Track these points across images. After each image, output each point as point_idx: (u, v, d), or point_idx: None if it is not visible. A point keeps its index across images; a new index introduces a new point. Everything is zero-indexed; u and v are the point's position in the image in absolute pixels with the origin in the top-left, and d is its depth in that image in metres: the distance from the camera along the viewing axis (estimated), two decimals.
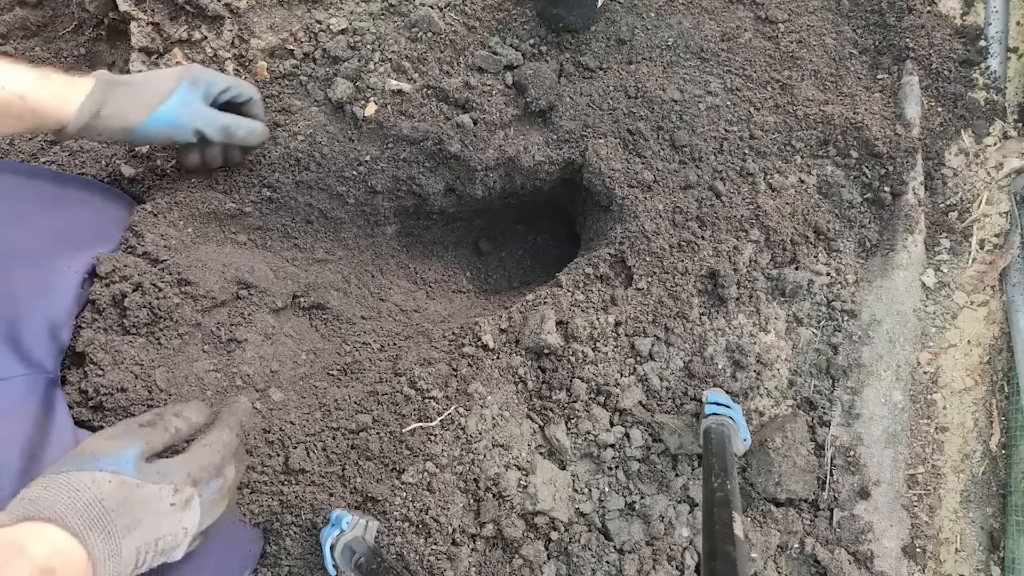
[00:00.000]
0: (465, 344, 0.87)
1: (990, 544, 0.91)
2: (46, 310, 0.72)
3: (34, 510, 0.49)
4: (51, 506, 0.49)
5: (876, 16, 1.01)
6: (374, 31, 0.93)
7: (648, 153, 0.93)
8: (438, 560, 0.77)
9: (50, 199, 0.79)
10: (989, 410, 0.94)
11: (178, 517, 0.57)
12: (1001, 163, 1.00)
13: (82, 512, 0.50)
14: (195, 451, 0.62)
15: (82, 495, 0.51)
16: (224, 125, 0.82)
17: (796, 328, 0.91)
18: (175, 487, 0.57)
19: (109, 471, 0.53)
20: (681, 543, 0.81)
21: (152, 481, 0.55)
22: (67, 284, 0.74)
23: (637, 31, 0.97)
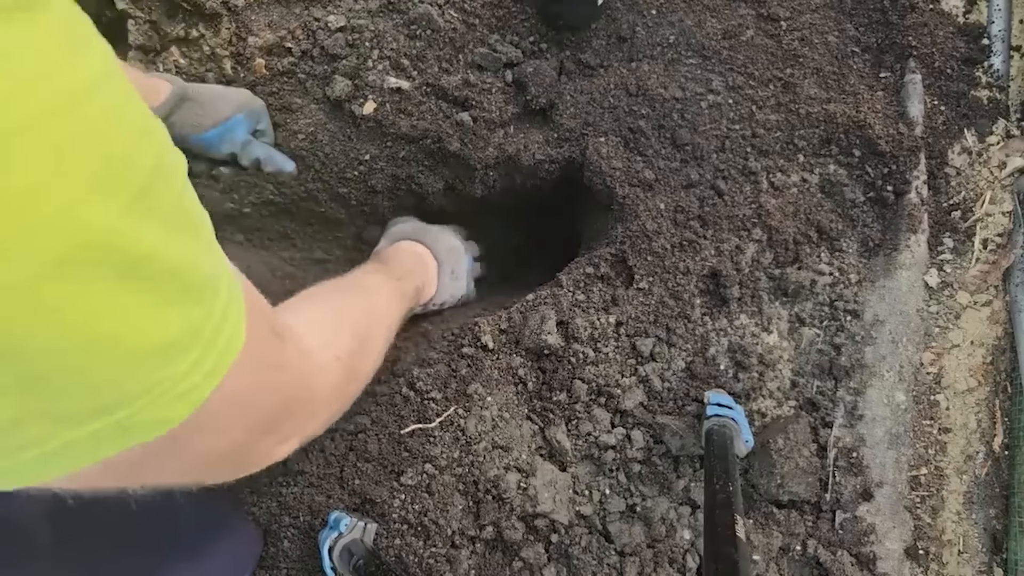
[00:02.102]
0: (464, 344, 0.87)
1: (993, 546, 0.90)
2: None
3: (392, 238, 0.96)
4: (399, 235, 0.96)
5: (878, 14, 1.01)
6: (372, 28, 0.93)
7: (649, 152, 0.93)
8: (437, 563, 0.76)
9: None
10: (992, 411, 0.94)
11: (449, 237, 0.98)
12: (1004, 162, 1.00)
13: (412, 234, 0.96)
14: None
15: (407, 230, 0.97)
16: (257, 158, 0.90)
17: (799, 328, 0.90)
18: (442, 228, 0.99)
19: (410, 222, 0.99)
20: (683, 545, 0.80)
21: (429, 225, 0.99)
22: None
23: (638, 29, 0.97)
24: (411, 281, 0.86)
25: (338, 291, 0.71)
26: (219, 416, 0.35)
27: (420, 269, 0.91)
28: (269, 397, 0.43)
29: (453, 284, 0.95)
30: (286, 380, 0.45)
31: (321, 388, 0.53)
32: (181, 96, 0.81)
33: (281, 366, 0.44)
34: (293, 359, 0.47)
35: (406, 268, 0.87)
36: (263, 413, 0.43)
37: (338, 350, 0.57)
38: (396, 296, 0.80)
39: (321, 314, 0.61)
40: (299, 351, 0.48)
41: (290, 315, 0.55)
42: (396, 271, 0.85)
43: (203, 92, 0.84)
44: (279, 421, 0.46)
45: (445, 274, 0.94)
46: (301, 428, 0.51)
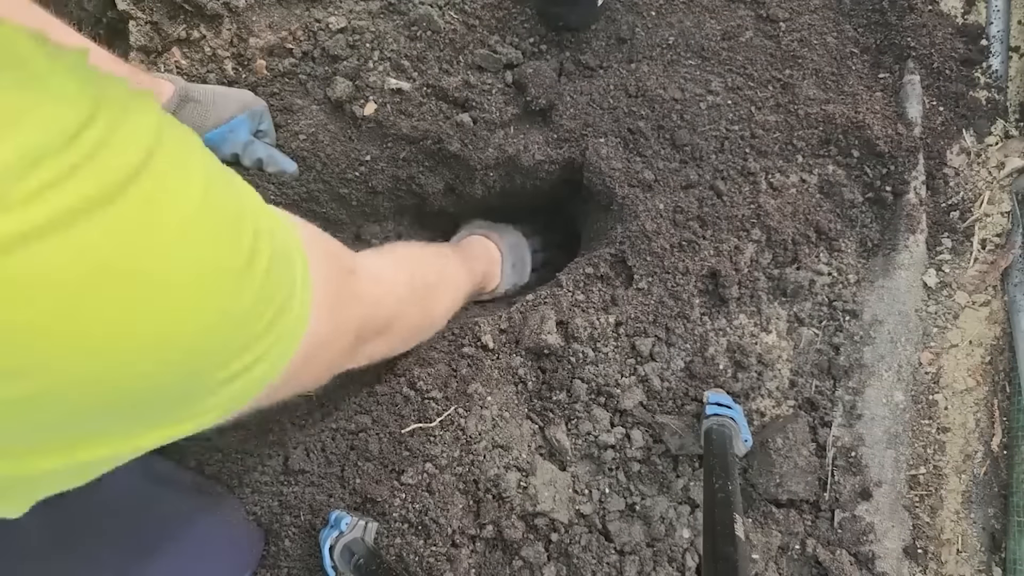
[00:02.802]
0: (465, 344, 0.87)
1: (991, 545, 0.90)
2: None
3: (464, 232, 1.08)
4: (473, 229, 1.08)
5: (877, 15, 1.01)
6: (373, 30, 0.93)
7: (649, 152, 0.93)
8: (437, 562, 0.76)
9: None
10: (991, 410, 0.94)
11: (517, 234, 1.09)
12: (1003, 162, 1.00)
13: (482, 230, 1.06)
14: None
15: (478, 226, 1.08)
16: (259, 158, 0.90)
17: (797, 328, 0.91)
18: (506, 225, 1.11)
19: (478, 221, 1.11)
20: (682, 544, 0.81)
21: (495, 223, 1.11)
22: None
23: (637, 30, 0.97)
24: (480, 267, 0.97)
25: (416, 247, 0.81)
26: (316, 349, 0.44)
27: (487, 258, 1.01)
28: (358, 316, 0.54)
29: (514, 274, 1.06)
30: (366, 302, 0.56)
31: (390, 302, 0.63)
32: (184, 96, 0.82)
33: (361, 295, 0.55)
34: (368, 282, 0.58)
35: (476, 254, 0.98)
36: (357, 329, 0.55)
37: (400, 284, 0.66)
38: (465, 270, 0.89)
39: (395, 256, 0.71)
40: (372, 276, 0.59)
41: (367, 257, 0.63)
42: (468, 256, 0.96)
43: (206, 93, 0.85)
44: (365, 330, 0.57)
45: (508, 266, 1.04)
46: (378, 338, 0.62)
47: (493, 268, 1.02)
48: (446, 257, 0.87)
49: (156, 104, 0.35)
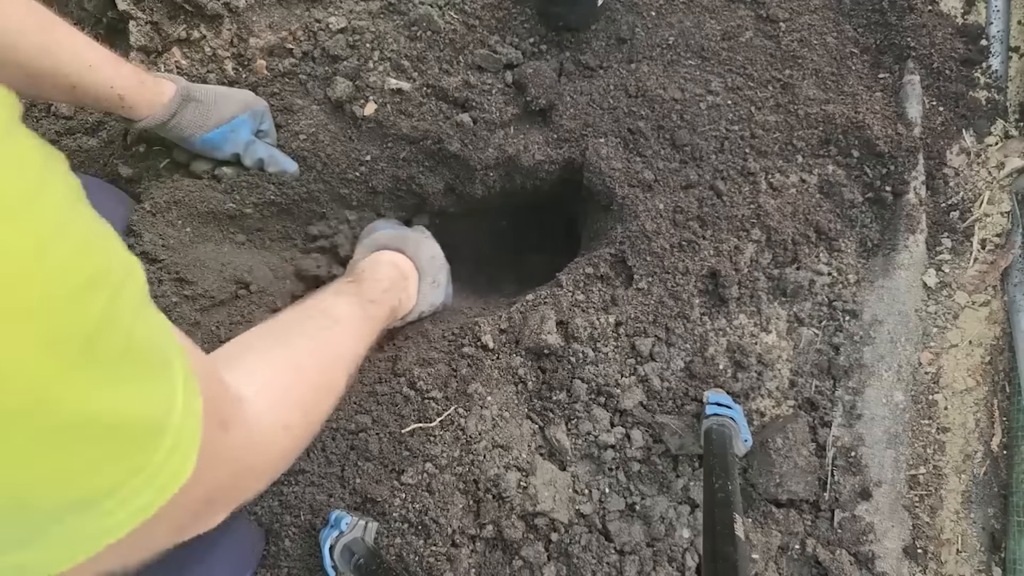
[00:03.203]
0: (465, 344, 0.87)
1: (991, 545, 0.90)
2: None
3: (370, 247, 0.90)
4: (378, 245, 0.90)
5: (877, 15, 1.01)
6: (373, 30, 0.93)
7: (649, 152, 0.93)
8: (438, 561, 0.76)
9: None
10: (990, 410, 0.94)
11: (432, 244, 0.94)
12: (1002, 162, 1.00)
13: (392, 243, 0.90)
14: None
15: (386, 238, 0.91)
16: (260, 159, 0.90)
17: (797, 328, 0.91)
18: (423, 233, 0.95)
19: (388, 229, 0.93)
20: (682, 544, 0.81)
21: (409, 229, 0.96)
22: None
23: (637, 30, 0.97)
24: (388, 300, 0.81)
25: (298, 333, 0.64)
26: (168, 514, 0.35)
27: (399, 284, 0.86)
28: (216, 481, 0.43)
29: (433, 293, 0.92)
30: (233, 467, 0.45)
31: (268, 459, 0.51)
32: (186, 96, 0.82)
33: (228, 459, 0.44)
34: (240, 442, 0.45)
35: (383, 286, 0.82)
36: (210, 495, 0.44)
37: (289, 417, 0.54)
38: (366, 326, 0.75)
39: (274, 372, 0.56)
40: (246, 432, 0.47)
41: (240, 374, 0.51)
42: (371, 291, 0.79)
43: (207, 92, 0.85)
44: (226, 496, 0.46)
45: (426, 284, 0.90)
46: (245, 494, 0.50)
47: (408, 292, 0.89)
48: (342, 327, 0.70)
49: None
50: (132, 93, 0.78)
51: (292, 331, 0.64)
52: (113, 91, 0.76)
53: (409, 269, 0.89)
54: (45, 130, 1.02)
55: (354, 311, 0.73)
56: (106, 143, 0.98)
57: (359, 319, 0.73)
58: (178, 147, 0.90)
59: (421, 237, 0.93)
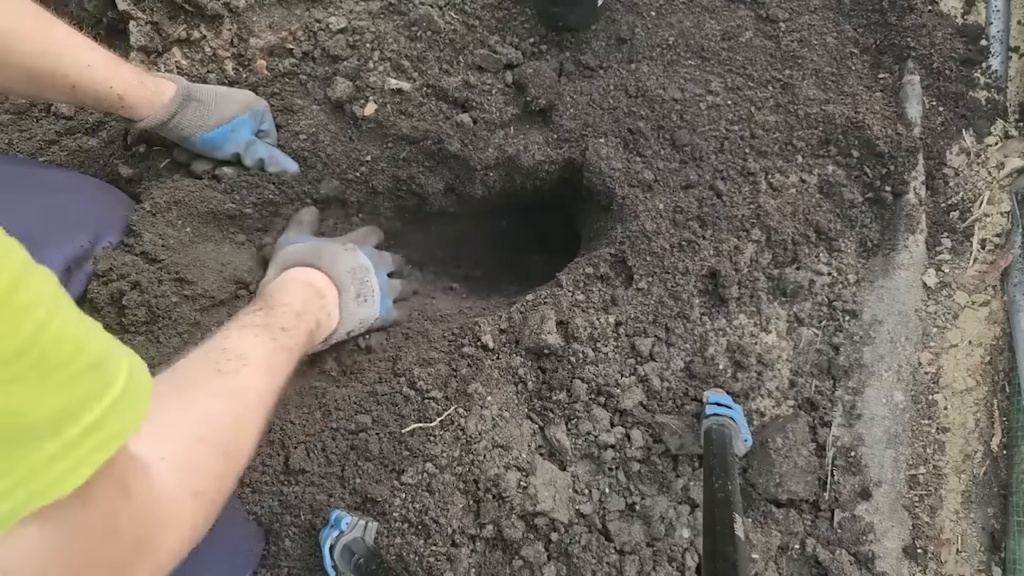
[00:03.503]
0: (465, 344, 0.87)
1: (991, 545, 0.90)
2: None
3: (281, 265, 0.82)
4: (289, 262, 0.82)
5: (877, 15, 1.01)
6: (373, 30, 0.93)
7: (648, 152, 0.93)
8: (438, 561, 0.77)
9: (37, 187, 0.79)
10: (990, 410, 0.94)
11: (354, 256, 0.86)
12: (1002, 163, 1.00)
13: (305, 259, 0.82)
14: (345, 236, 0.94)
15: (298, 254, 0.83)
16: (260, 159, 0.90)
17: (797, 328, 0.91)
18: (342, 243, 0.87)
19: (301, 243, 0.85)
20: (682, 544, 0.81)
21: (327, 240, 0.88)
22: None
23: (637, 30, 0.97)
24: (303, 325, 0.74)
25: (205, 389, 0.58)
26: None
27: (315, 304, 0.78)
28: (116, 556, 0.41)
29: (361, 310, 0.84)
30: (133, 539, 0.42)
31: (176, 533, 0.48)
32: (186, 96, 0.82)
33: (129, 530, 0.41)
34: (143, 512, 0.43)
35: (296, 309, 0.74)
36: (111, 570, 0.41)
37: (199, 484, 0.51)
38: (280, 358, 0.68)
39: (181, 440, 0.51)
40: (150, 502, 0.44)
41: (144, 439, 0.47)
42: (282, 318, 0.72)
43: (208, 92, 0.85)
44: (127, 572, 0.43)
45: (349, 300, 0.82)
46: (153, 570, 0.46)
47: (327, 311, 0.80)
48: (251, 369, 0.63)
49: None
50: (132, 93, 0.78)
51: (199, 387, 0.58)
52: (113, 91, 0.76)
53: (326, 286, 0.81)
54: (45, 130, 1.02)
55: (263, 344, 0.67)
56: (106, 143, 0.98)
57: (270, 352, 0.67)
58: (178, 147, 0.90)
59: (339, 248, 0.84)
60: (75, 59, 0.73)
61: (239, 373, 0.62)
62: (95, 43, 0.75)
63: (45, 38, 0.70)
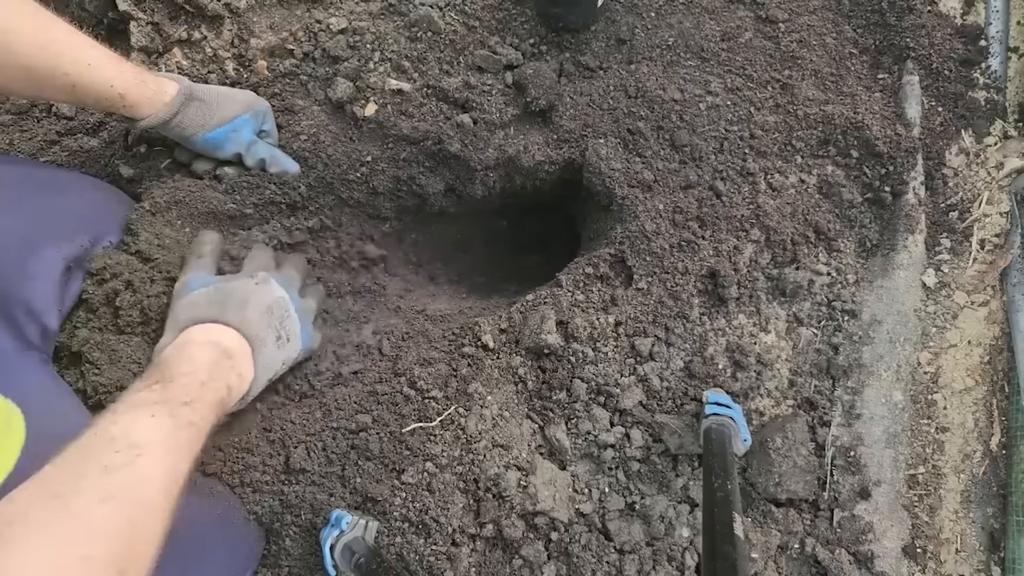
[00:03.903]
0: (465, 344, 0.87)
1: (990, 544, 0.90)
2: (29, 294, 0.71)
3: (179, 326, 0.71)
4: (187, 320, 0.72)
5: (876, 16, 1.01)
6: (374, 31, 0.93)
7: (648, 153, 0.93)
8: (438, 560, 0.77)
9: (37, 187, 0.79)
10: (989, 410, 0.94)
11: (268, 290, 0.77)
12: (1001, 163, 1.00)
13: (206, 313, 0.71)
14: (246, 262, 0.83)
15: (198, 308, 0.72)
16: (261, 159, 0.90)
17: (796, 328, 0.91)
18: (250, 276, 0.77)
19: (202, 288, 0.75)
20: (681, 543, 0.81)
21: (232, 279, 0.77)
22: (50, 271, 0.74)
23: (637, 31, 0.97)
24: (209, 395, 0.65)
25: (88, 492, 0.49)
26: None
27: (222, 368, 0.68)
28: None
29: (282, 352, 0.77)
30: None
31: None
32: (188, 95, 0.83)
33: None
34: None
35: (199, 378, 0.64)
36: None
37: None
38: (182, 437, 0.59)
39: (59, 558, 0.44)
40: None
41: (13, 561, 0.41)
42: (182, 390, 0.62)
43: (210, 92, 0.85)
44: None
45: (268, 348, 0.74)
46: None
47: (238, 370, 0.70)
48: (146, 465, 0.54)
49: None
50: (133, 92, 0.78)
51: (81, 492, 0.49)
52: (114, 90, 0.76)
53: (234, 342, 0.71)
54: (46, 130, 1.02)
55: (160, 424, 0.58)
56: (107, 143, 0.98)
57: (169, 433, 0.58)
58: (179, 147, 0.90)
59: (248, 288, 0.75)
60: (75, 58, 0.73)
61: (132, 466, 0.53)
62: (96, 42, 0.75)
63: (45, 37, 0.70)
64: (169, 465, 0.56)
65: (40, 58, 0.70)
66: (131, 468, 0.52)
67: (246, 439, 0.83)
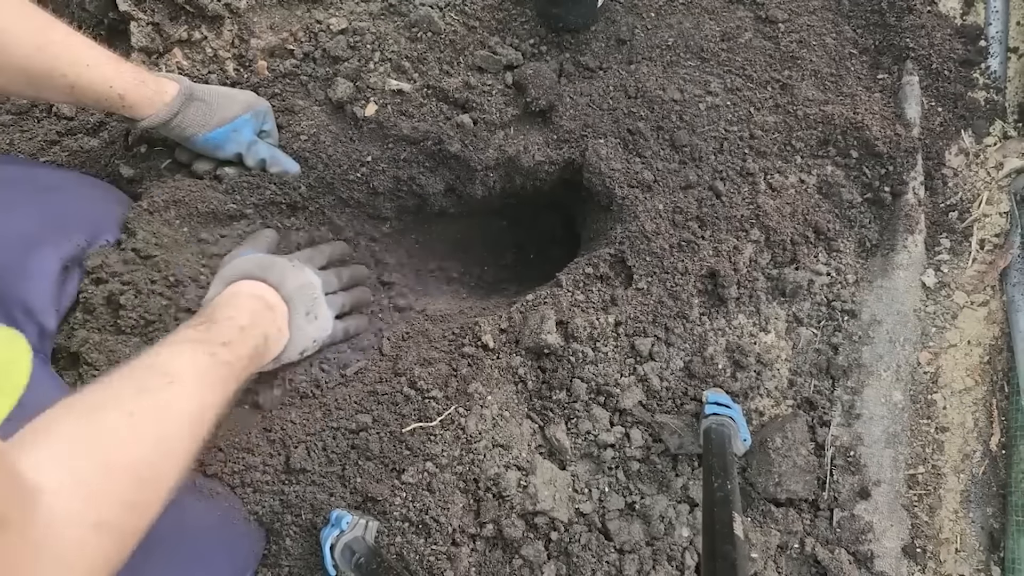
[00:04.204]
0: (465, 344, 0.87)
1: (990, 544, 0.91)
2: (26, 294, 0.71)
3: (227, 279, 0.77)
4: (235, 275, 0.77)
5: (876, 16, 1.01)
6: (374, 31, 0.93)
7: (648, 153, 0.93)
8: (438, 560, 0.77)
9: (35, 187, 0.79)
10: (989, 410, 0.94)
11: (302, 272, 0.82)
12: (1001, 163, 1.00)
13: (253, 271, 0.77)
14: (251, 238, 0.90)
15: (246, 266, 0.78)
16: (262, 159, 0.90)
17: (796, 328, 0.91)
18: (290, 260, 0.82)
19: (251, 257, 0.80)
20: (681, 543, 0.81)
21: (275, 256, 0.82)
22: (47, 271, 0.74)
23: (637, 31, 0.97)
24: (248, 340, 0.69)
25: (115, 405, 0.52)
26: None
27: (264, 317, 0.74)
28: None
29: (311, 327, 0.81)
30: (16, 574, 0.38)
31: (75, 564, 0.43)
32: (188, 95, 0.83)
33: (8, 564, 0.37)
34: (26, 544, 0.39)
35: (240, 322, 0.69)
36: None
37: (103, 514, 0.46)
38: (217, 375, 0.63)
39: (83, 459, 0.47)
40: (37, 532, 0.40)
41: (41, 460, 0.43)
42: (224, 332, 0.67)
43: (210, 92, 0.85)
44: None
45: (299, 316, 0.78)
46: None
47: (277, 326, 0.76)
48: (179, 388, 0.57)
49: None
50: (132, 92, 0.78)
51: (113, 407, 0.52)
52: (113, 90, 0.76)
53: (275, 300, 0.77)
54: (46, 131, 1.02)
55: (198, 359, 0.61)
56: (107, 143, 0.99)
57: (206, 368, 0.61)
58: (180, 147, 0.91)
59: (287, 264, 0.81)
60: (73, 59, 0.73)
61: (164, 391, 0.56)
62: (94, 43, 0.75)
63: (42, 39, 0.70)
64: (201, 397, 0.59)
65: (38, 59, 0.70)
66: (164, 392, 0.56)
67: (246, 439, 0.83)
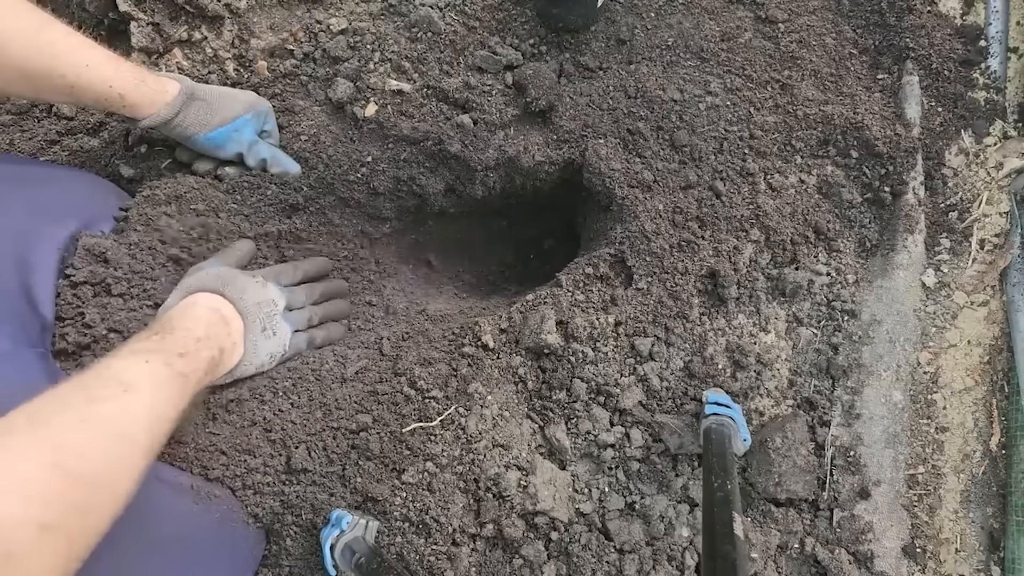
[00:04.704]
0: (465, 344, 0.87)
1: (990, 544, 0.91)
2: (28, 287, 0.71)
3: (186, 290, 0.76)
4: (193, 287, 0.76)
5: (876, 16, 1.01)
6: (374, 31, 0.93)
7: (648, 153, 0.93)
8: (438, 560, 0.77)
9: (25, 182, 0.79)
10: (989, 410, 0.94)
11: (264, 289, 0.80)
12: (1001, 163, 1.00)
13: (212, 284, 0.76)
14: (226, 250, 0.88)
15: (206, 279, 0.76)
16: (263, 159, 0.90)
17: (796, 328, 0.91)
18: (253, 276, 0.81)
19: (213, 270, 0.79)
20: (681, 543, 0.81)
21: (239, 272, 0.80)
22: (47, 262, 0.74)
23: (637, 31, 0.97)
24: (203, 351, 0.68)
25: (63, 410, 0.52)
26: None
27: (219, 330, 0.73)
28: None
29: (268, 342, 0.79)
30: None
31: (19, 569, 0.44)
32: (189, 95, 0.83)
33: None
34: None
35: (196, 334, 0.69)
36: None
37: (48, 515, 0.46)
38: (173, 386, 0.62)
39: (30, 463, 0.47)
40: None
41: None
42: (180, 342, 0.66)
43: (211, 92, 0.85)
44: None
45: (254, 332, 0.77)
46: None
47: (232, 340, 0.75)
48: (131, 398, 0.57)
49: None
50: (132, 92, 0.78)
51: (62, 413, 0.52)
52: (113, 91, 0.76)
53: (231, 313, 0.76)
54: (46, 130, 1.02)
55: (153, 369, 0.60)
56: (107, 143, 0.99)
57: (161, 379, 0.60)
58: (180, 147, 0.91)
59: (250, 279, 0.79)
60: (72, 59, 0.73)
61: (117, 400, 0.55)
62: (94, 43, 0.75)
63: (41, 39, 0.70)
64: (155, 407, 0.58)
65: (37, 60, 0.70)
66: (116, 401, 0.55)
67: (247, 441, 0.83)
